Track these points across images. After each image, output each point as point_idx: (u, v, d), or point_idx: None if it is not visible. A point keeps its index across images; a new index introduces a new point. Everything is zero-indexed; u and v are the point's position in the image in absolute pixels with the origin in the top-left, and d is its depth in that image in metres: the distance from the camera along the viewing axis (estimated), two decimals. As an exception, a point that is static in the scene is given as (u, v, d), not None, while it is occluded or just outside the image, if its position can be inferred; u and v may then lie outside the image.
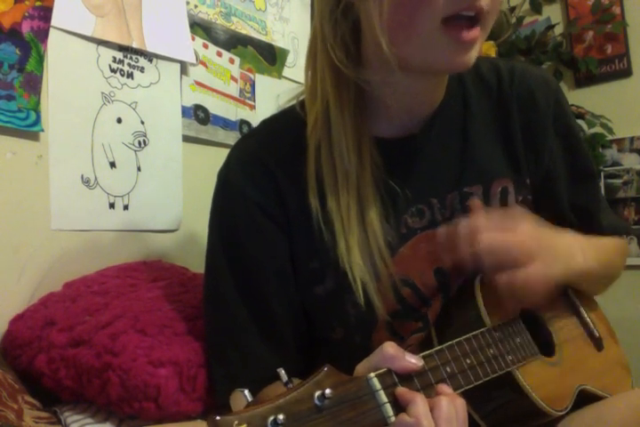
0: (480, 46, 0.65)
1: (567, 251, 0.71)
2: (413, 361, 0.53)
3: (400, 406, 0.50)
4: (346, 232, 0.70)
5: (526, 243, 0.65)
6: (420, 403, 0.50)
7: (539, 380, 0.68)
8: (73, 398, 0.84)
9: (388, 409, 0.49)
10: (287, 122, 0.79)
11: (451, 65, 0.65)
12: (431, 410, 0.51)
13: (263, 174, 0.75)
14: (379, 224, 0.71)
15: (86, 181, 1.07)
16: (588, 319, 0.82)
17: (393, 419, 0.49)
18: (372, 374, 0.51)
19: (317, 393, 0.46)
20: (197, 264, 0.88)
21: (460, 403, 0.53)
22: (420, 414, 0.49)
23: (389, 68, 0.67)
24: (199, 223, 1.22)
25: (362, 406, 0.48)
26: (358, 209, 0.71)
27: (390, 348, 0.53)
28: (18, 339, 0.87)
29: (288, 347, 0.76)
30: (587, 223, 0.84)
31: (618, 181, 2.15)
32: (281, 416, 0.43)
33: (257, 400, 0.45)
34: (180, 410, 0.78)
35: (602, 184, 2.15)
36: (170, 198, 1.23)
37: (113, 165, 1.12)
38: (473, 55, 0.64)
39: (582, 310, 0.83)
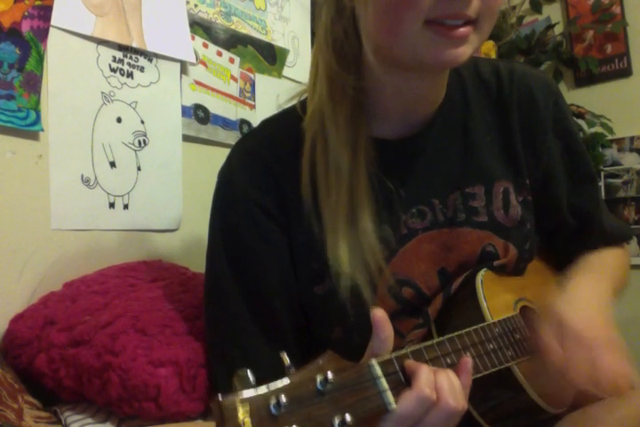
0: (475, 45, 0.64)
1: (597, 312, 0.70)
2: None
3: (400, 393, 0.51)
4: (334, 227, 0.70)
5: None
6: (424, 373, 0.51)
7: (538, 377, 0.68)
8: (73, 398, 0.84)
9: (389, 396, 0.50)
10: (288, 122, 0.79)
11: (438, 60, 0.63)
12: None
13: (264, 174, 0.75)
14: (370, 222, 0.71)
15: (86, 181, 1.07)
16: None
17: (393, 406, 0.50)
18: (374, 361, 0.51)
19: (319, 377, 0.46)
20: (197, 264, 0.88)
21: (455, 377, 0.55)
22: (423, 383, 0.51)
23: (384, 69, 0.67)
24: (199, 223, 1.22)
25: (363, 392, 0.49)
26: (348, 205, 0.70)
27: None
28: (18, 339, 0.87)
29: (289, 345, 0.76)
30: (586, 225, 0.84)
31: (618, 181, 2.15)
32: (283, 398, 0.43)
33: (259, 383, 0.45)
34: (180, 410, 0.78)
35: (602, 184, 2.16)
36: (170, 198, 1.23)
37: (113, 164, 1.12)
38: (463, 51, 0.62)
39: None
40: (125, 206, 1.13)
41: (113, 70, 1.12)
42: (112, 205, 1.11)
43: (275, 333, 0.75)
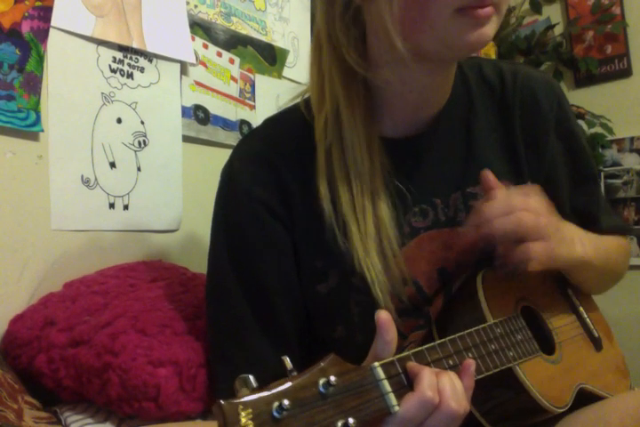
0: (496, 26, 0.65)
1: (569, 237, 0.72)
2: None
3: (403, 395, 0.51)
4: (362, 235, 0.70)
5: (539, 220, 0.66)
6: (426, 375, 0.51)
7: (539, 377, 0.68)
8: (73, 398, 0.84)
9: (392, 398, 0.50)
10: (291, 121, 0.79)
11: (468, 42, 0.63)
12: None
13: (268, 173, 0.75)
14: (391, 226, 0.71)
15: (86, 181, 1.07)
16: (587, 319, 0.82)
17: (396, 408, 0.50)
18: (377, 364, 0.51)
19: (322, 381, 0.46)
20: (197, 264, 0.88)
21: (457, 378, 0.55)
22: (425, 386, 0.51)
23: (403, 64, 0.67)
24: (199, 223, 1.22)
25: (366, 395, 0.49)
26: (373, 212, 0.71)
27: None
28: (18, 339, 0.87)
29: (291, 346, 0.76)
30: (589, 226, 0.84)
31: (618, 181, 2.15)
32: (286, 402, 0.43)
33: (261, 387, 0.45)
34: (180, 410, 0.78)
35: (602, 184, 2.16)
36: (170, 198, 1.23)
37: (113, 165, 1.12)
38: (489, 30, 0.63)
39: (582, 311, 0.83)
40: (125, 207, 1.13)
41: (113, 71, 1.12)
42: (112, 206, 1.11)
43: (276, 332, 0.75)
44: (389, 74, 0.71)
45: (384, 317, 0.54)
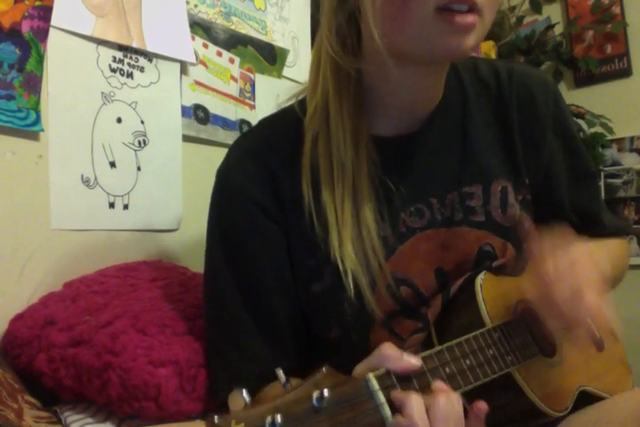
0: (479, 35, 0.64)
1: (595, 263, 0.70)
2: (413, 361, 0.53)
3: (397, 408, 0.50)
4: (339, 224, 0.70)
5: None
6: (414, 403, 0.50)
7: (539, 380, 0.67)
8: (73, 398, 0.84)
9: (386, 410, 0.49)
10: (285, 121, 0.79)
11: (445, 49, 0.63)
12: (428, 409, 0.50)
13: (262, 172, 0.75)
14: (372, 219, 0.71)
15: (86, 181, 1.07)
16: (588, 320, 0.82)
17: (391, 420, 0.49)
18: (371, 375, 0.50)
19: (315, 394, 0.46)
20: (198, 264, 0.88)
21: (456, 398, 0.53)
22: (414, 414, 0.49)
23: (383, 61, 0.67)
24: (199, 223, 1.22)
25: (360, 407, 0.48)
26: (353, 202, 0.71)
27: (389, 349, 0.53)
28: (18, 339, 0.87)
29: (287, 345, 0.76)
30: (588, 223, 0.84)
31: (618, 181, 2.15)
32: (279, 417, 0.43)
33: (255, 400, 0.45)
34: (180, 410, 0.78)
35: (602, 184, 2.16)
36: (170, 198, 1.23)
37: (113, 164, 1.12)
38: (469, 41, 0.63)
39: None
40: (125, 206, 1.13)
41: (113, 70, 1.12)
42: (112, 205, 1.11)
43: (272, 331, 0.75)
44: (374, 66, 0.71)
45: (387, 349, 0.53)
